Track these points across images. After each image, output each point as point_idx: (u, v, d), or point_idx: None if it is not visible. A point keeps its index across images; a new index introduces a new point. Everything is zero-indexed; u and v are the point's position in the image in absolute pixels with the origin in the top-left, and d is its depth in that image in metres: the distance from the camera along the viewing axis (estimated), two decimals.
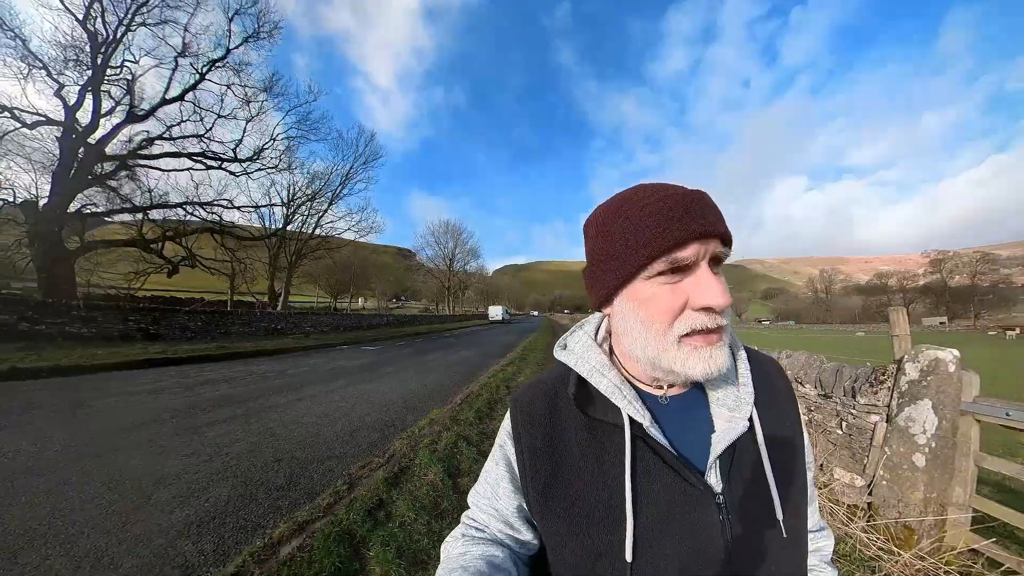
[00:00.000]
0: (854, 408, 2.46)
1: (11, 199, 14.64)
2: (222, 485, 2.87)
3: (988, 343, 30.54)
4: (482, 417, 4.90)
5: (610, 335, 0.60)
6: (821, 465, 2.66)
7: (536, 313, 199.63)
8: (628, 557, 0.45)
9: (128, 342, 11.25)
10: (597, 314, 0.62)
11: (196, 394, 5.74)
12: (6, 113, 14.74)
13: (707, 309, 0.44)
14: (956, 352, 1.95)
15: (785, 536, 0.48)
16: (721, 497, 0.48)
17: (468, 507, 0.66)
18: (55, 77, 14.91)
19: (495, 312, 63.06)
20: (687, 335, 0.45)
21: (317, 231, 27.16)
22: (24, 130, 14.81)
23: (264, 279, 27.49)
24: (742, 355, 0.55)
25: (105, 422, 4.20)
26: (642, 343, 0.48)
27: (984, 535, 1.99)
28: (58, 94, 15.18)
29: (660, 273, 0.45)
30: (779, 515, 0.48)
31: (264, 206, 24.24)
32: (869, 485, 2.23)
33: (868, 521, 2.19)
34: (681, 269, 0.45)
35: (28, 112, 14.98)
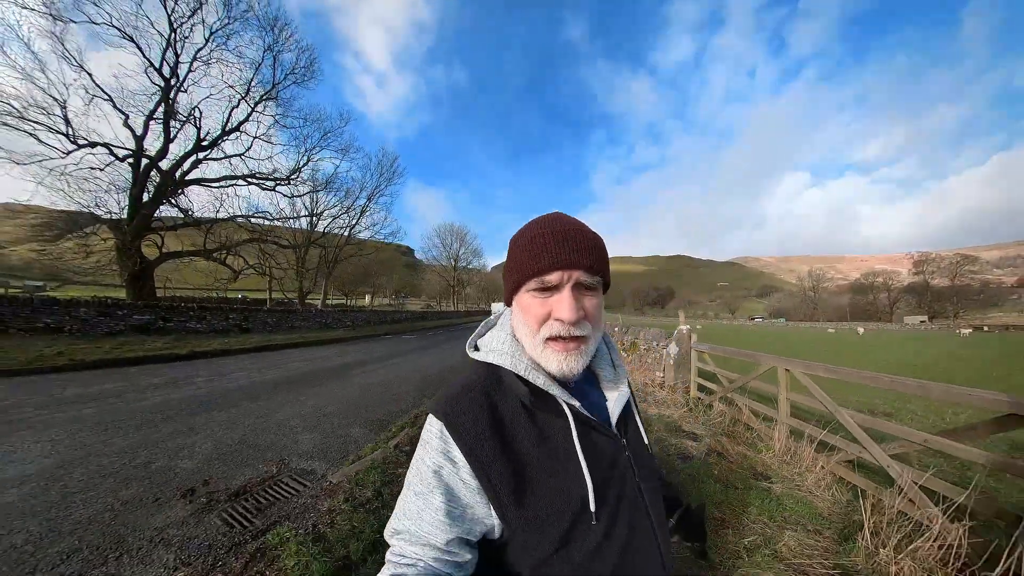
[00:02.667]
0: (661, 347, 6.33)
1: (110, 215, 18.06)
2: (415, 382, 6.62)
3: (937, 341, 34.02)
4: None
5: None
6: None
7: None
8: (592, 506, 0.57)
9: (231, 334, 14.49)
10: (506, 313, 0.74)
11: (346, 358, 9.32)
12: (101, 147, 18.19)
13: (560, 321, 0.59)
14: (688, 326, 5.69)
15: (650, 453, 0.74)
16: (624, 441, 0.68)
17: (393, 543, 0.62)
18: (120, 108, 17.67)
19: (498, 308, 66.60)
20: (551, 339, 0.60)
21: (347, 237, 31.02)
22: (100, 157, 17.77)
23: (294, 281, 31.23)
24: (615, 346, 0.78)
25: (326, 367, 7.86)
26: (525, 339, 0.64)
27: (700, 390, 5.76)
28: (126, 124, 17.85)
29: (534, 289, 0.61)
30: (646, 441, 0.74)
31: (293, 217, 27.97)
32: (663, 374, 6.01)
33: (661, 387, 5.99)
34: (550, 289, 0.60)
35: (121, 148, 18.39)
